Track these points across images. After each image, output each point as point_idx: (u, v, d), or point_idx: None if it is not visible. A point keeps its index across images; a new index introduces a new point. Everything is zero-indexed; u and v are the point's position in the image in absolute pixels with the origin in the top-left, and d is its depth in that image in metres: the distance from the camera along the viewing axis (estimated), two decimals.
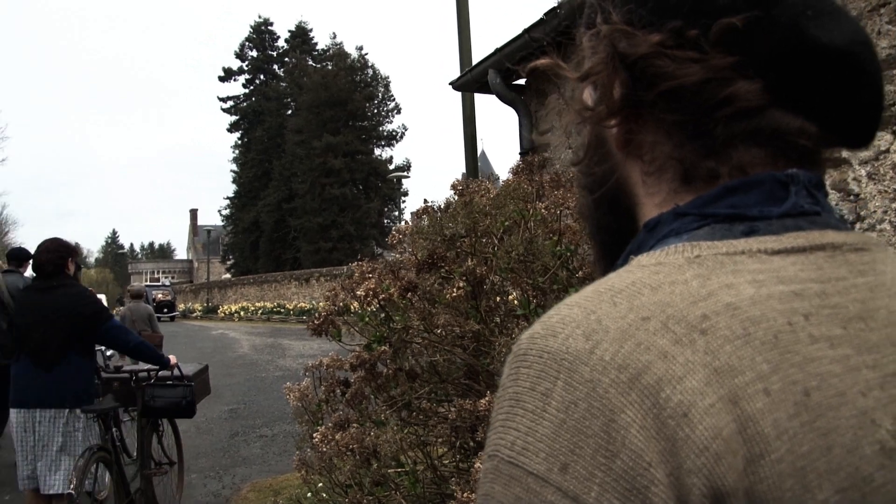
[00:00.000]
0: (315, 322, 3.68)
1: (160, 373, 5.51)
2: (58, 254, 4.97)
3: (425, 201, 3.73)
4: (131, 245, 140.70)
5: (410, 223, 3.65)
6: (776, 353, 0.57)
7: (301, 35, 60.68)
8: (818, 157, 0.72)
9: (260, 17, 61.99)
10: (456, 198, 3.33)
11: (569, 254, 2.77)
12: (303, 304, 34.99)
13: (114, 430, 5.09)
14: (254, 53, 61.71)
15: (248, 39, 61.74)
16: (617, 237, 0.77)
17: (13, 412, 4.82)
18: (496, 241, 3.00)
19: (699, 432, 0.53)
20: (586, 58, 0.75)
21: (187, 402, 5.41)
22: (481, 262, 2.91)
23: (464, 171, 8.88)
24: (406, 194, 54.63)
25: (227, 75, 61.40)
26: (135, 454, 5.53)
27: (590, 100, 0.75)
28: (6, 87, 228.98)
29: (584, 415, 0.54)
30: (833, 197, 3.98)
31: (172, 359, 5.51)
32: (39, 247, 5.04)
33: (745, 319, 0.58)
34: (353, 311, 3.57)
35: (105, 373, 5.65)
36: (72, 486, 4.40)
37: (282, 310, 36.82)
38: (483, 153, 53.84)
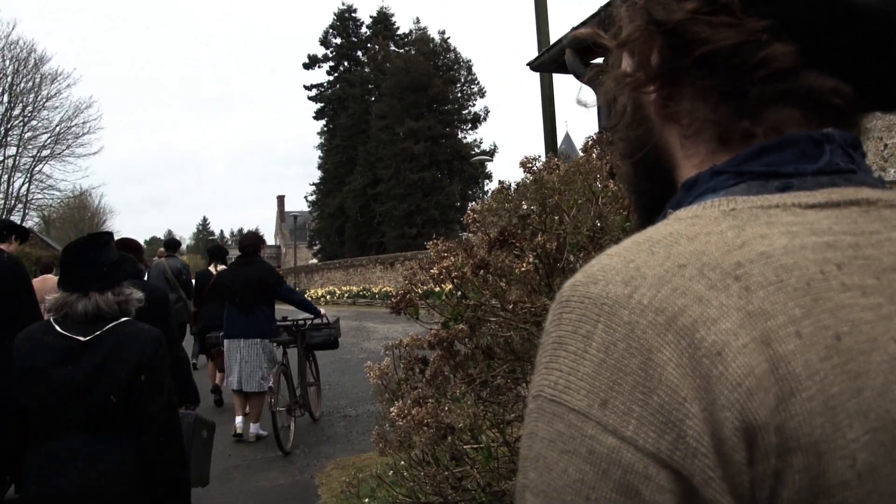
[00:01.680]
0: (393, 301, 3.75)
1: (314, 321, 8.48)
2: (255, 241, 8.26)
3: (500, 183, 3.75)
4: (221, 231, 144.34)
5: (485, 203, 3.67)
6: (808, 299, 0.59)
7: (383, 21, 61.02)
8: (854, 118, 0.73)
9: (343, 4, 62.22)
10: (528, 176, 3.34)
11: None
12: (388, 288, 35.28)
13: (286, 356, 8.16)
14: (337, 41, 62.29)
15: (331, 27, 62.29)
16: (656, 202, 0.79)
17: (226, 341, 7.96)
18: (567, 218, 2.99)
19: (732, 370, 0.55)
20: (624, 26, 0.76)
21: (333, 339, 8.56)
22: (551, 238, 2.92)
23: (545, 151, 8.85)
24: (489, 177, 54.47)
25: (312, 63, 62.18)
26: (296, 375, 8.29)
27: (629, 67, 0.77)
28: (99, 78, 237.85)
29: (623, 354, 0.57)
30: None
31: (322, 310, 8.65)
32: (243, 236, 8.52)
33: (778, 267, 0.60)
34: (431, 291, 3.61)
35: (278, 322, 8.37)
36: (270, 383, 7.30)
37: (367, 293, 37.22)
38: (567, 135, 53.27)
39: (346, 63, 62.59)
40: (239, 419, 7.96)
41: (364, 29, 62.69)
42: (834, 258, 0.62)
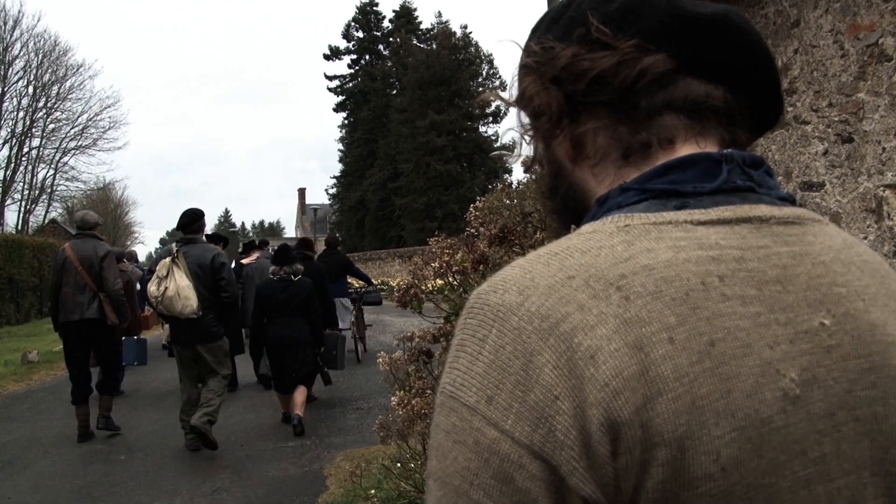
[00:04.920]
0: (398, 294, 3.84)
1: (368, 288, 14.50)
2: (336, 240, 13.40)
3: (504, 181, 3.82)
4: (242, 223, 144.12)
5: (488, 201, 3.74)
6: (685, 308, 0.65)
7: (405, 15, 60.82)
8: (735, 120, 0.80)
9: None
10: (531, 176, 3.41)
11: None
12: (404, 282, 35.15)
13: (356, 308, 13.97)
14: (359, 34, 62.14)
15: (353, 20, 62.08)
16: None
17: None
18: None
19: (602, 371, 0.62)
20: (521, 86, 0.86)
21: (379, 299, 14.92)
22: (551, 237, 2.99)
23: None
24: (510, 171, 54.29)
25: (333, 54, 62.01)
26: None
27: (535, 119, 0.86)
28: (123, 69, 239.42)
29: (509, 356, 0.64)
30: None
31: (374, 280, 18.42)
32: (329, 236, 13.86)
33: (658, 279, 0.66)
34: (441, 287, 3.69)
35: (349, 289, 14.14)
36: (351, 321, 13.28)
37: (385, 287, 37.23)
38: None
39: (367, 56, 62.39)
40: None
41: (386, 23, 62.50)
42: (717, 270, 0.68)
